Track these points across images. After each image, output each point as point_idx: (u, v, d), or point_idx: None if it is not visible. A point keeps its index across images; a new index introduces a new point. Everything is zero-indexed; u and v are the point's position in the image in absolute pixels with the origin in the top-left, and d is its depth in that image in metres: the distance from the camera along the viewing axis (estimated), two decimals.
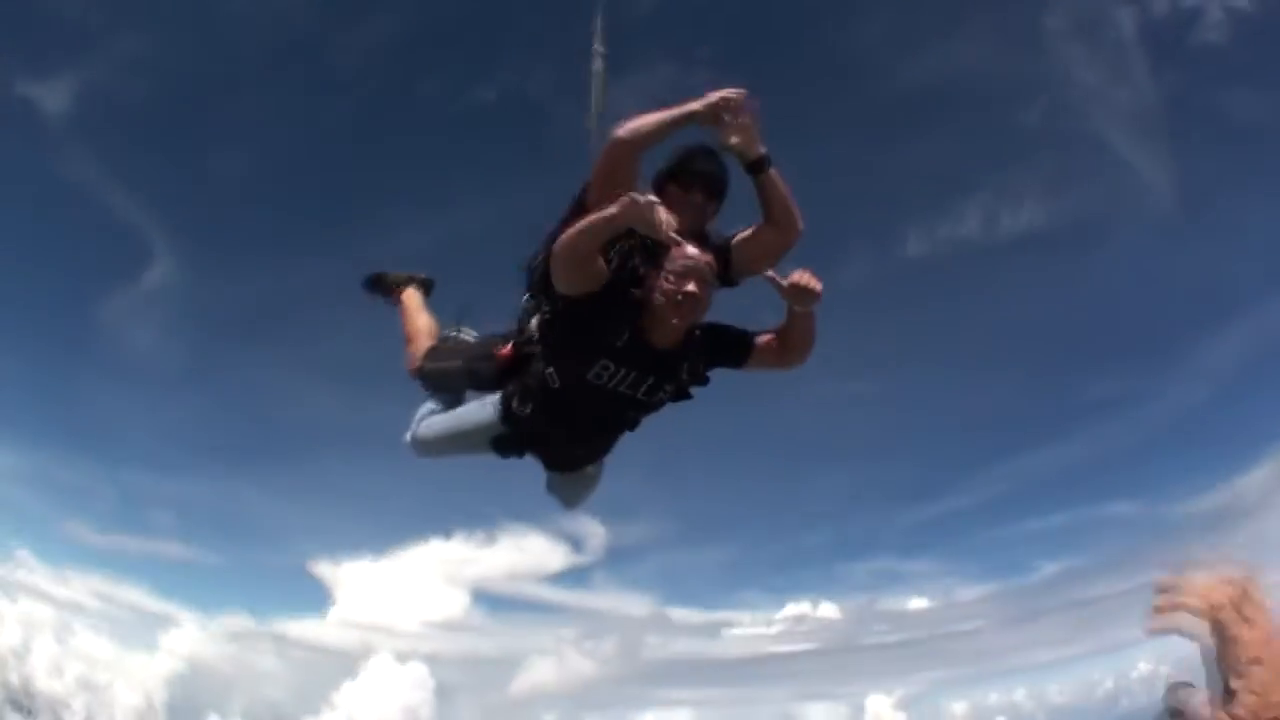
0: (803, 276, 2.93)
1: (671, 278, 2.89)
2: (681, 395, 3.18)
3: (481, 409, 3.33)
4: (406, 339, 3.82)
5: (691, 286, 2.88)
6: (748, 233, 3.17)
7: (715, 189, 3.13)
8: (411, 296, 4.01)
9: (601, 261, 2.94)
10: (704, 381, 3.19)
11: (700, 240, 3.02)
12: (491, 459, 3.38)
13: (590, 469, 3.53)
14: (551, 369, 3.06)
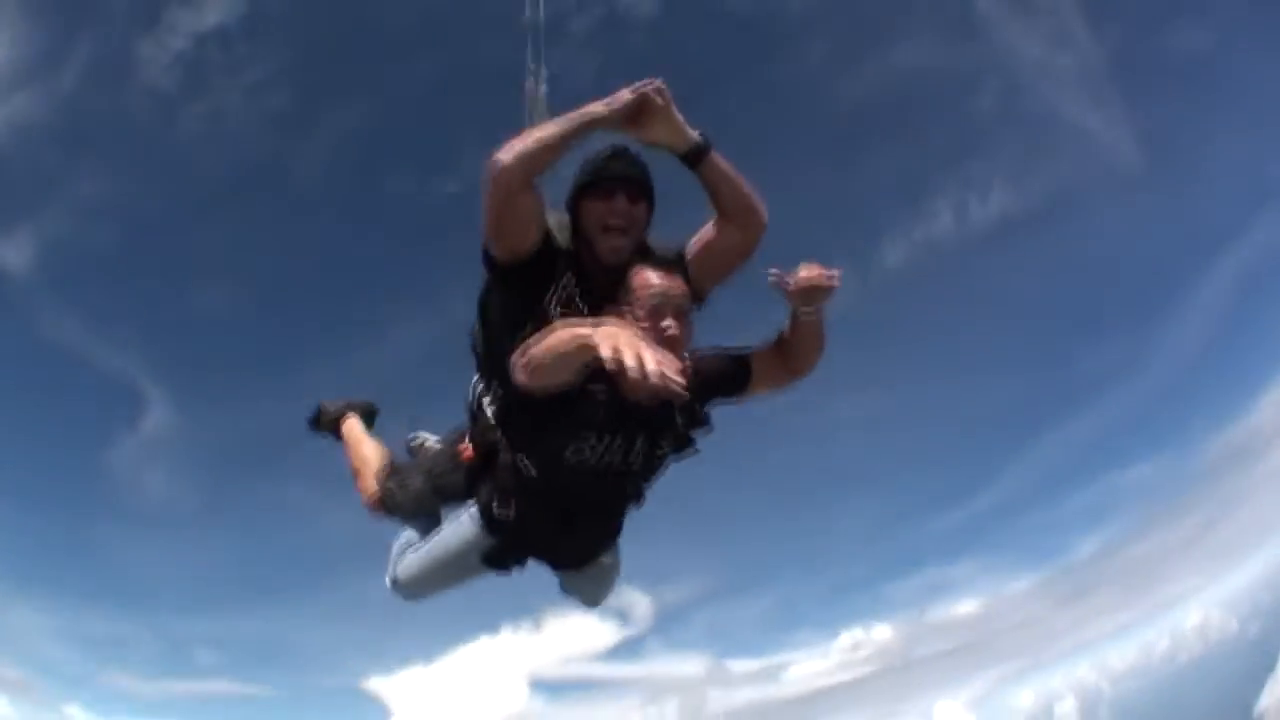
0: (812, 271, 2.50)
1: (642, 316, 2.42)
2: (683, 447, 2.68)
3: (460, 527, 2.85)
4: (353, 474, 3.40)
5: (669, 324, 2.42)
6: (702, 236, 2.67)
7: (640, 189, 2.62)
8: (352, 427, 3.62)
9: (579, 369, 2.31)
10: (705, 424, 2.68)
11: (643, 257, 2.58)
12: (492, 577, 2.95)
13: (605, 559, 3.03)
14: (523, 457, 2.59)
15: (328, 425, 3.71)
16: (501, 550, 2.82)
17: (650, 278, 2.47)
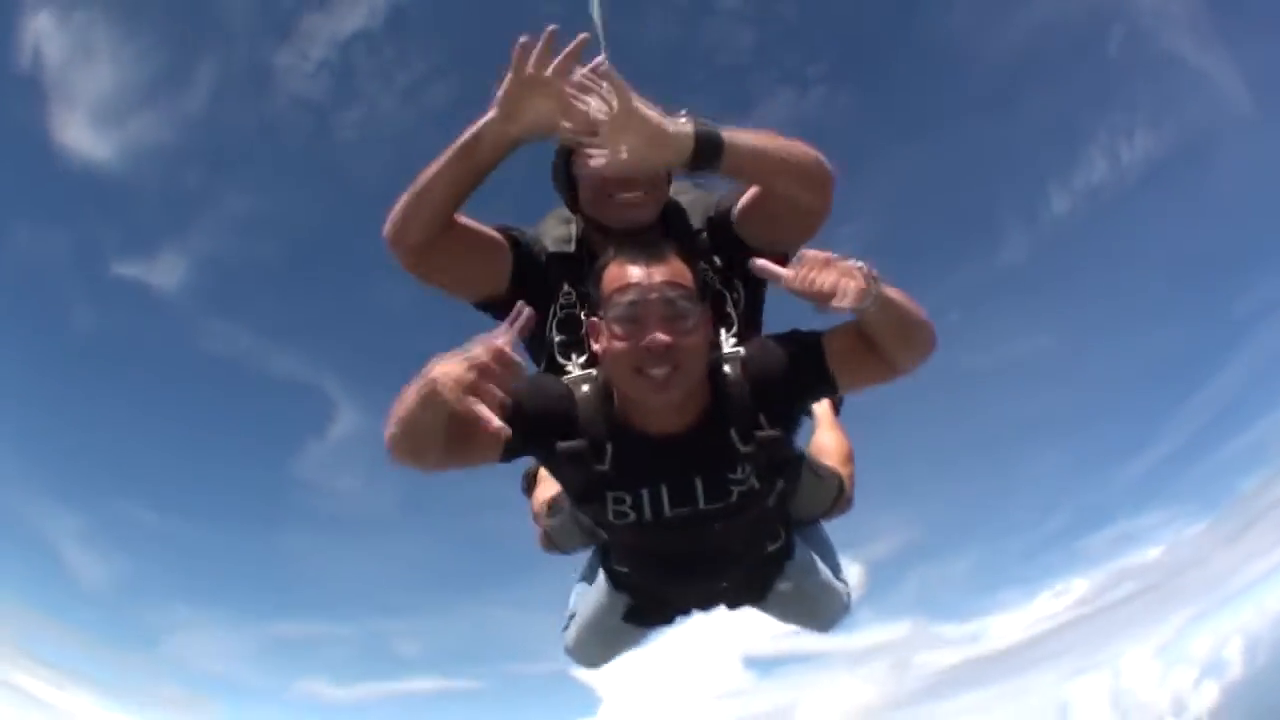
0: (812, 268, 1.73)
1: (617, 330, 1.75)
2: (775, 468, 1.97)
3: (597, 586, 2.43)
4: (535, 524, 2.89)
5: (656, 339, 1.72)
6: (751, 200, 2.00)
7: None
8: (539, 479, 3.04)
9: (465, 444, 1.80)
10: (780, 441, 1.93)
11: (664, 231, 2.01)
12: (658, 634, 2.56)
13: (781, 586, 2.41)
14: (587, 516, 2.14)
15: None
16: (641, 609, 2.37)
17: (623, 272, 1.76)
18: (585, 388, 1.90)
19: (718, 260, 2.06)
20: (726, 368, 1.89)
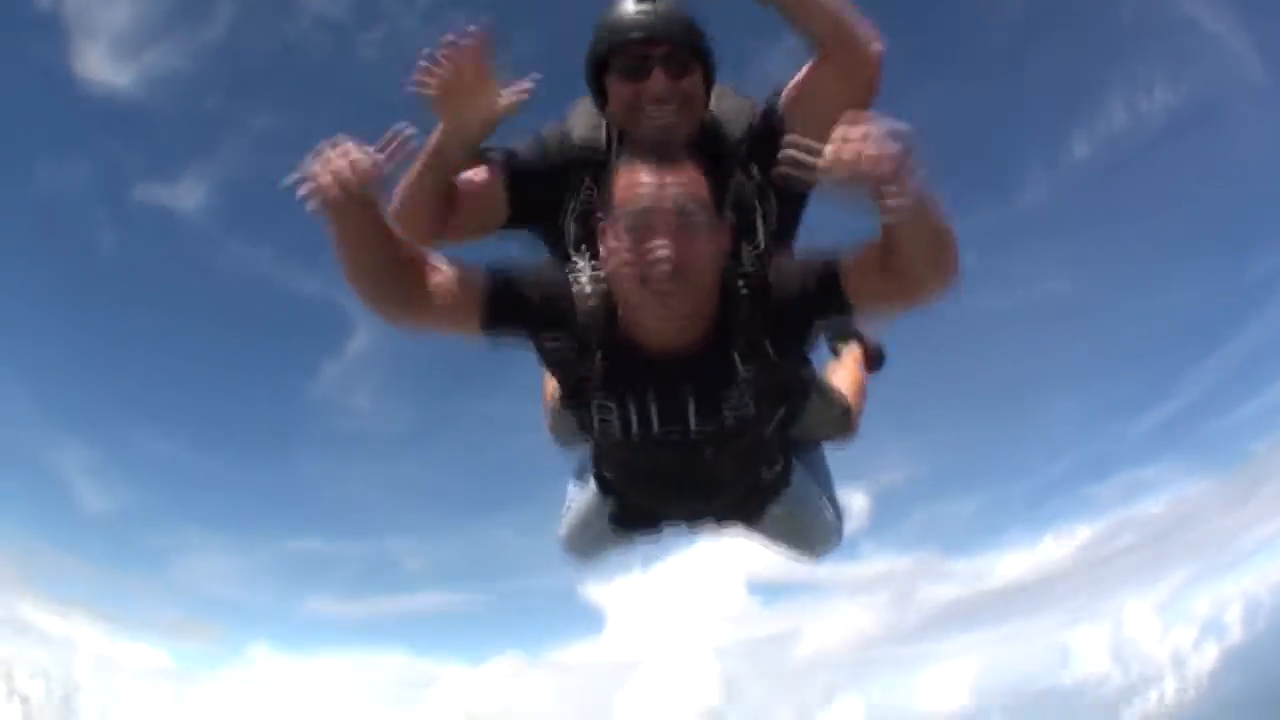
0: (853, 135, 1.47)
1: (624, 237, 1.66)
2: (775, 395, 1.93)
3: (587, 485, 2.38)
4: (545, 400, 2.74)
5: (658, 246, 1.62)
6: (798, 83, 1.93)
7: (684, 52, 1.90)
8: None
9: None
10: (787, 370, 1.90)
11: (703, 146, 1.87)
12: (648, 542, 2.47)
13: (775, 510, 2.31)
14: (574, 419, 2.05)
15: None
16: (625, 512, 2.33)
17: (635, 178, 1.69)
18: (587, 285, 1.81)
19: (755, 172, 1.97)
20: (740, 284, 1.78)
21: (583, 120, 2.08)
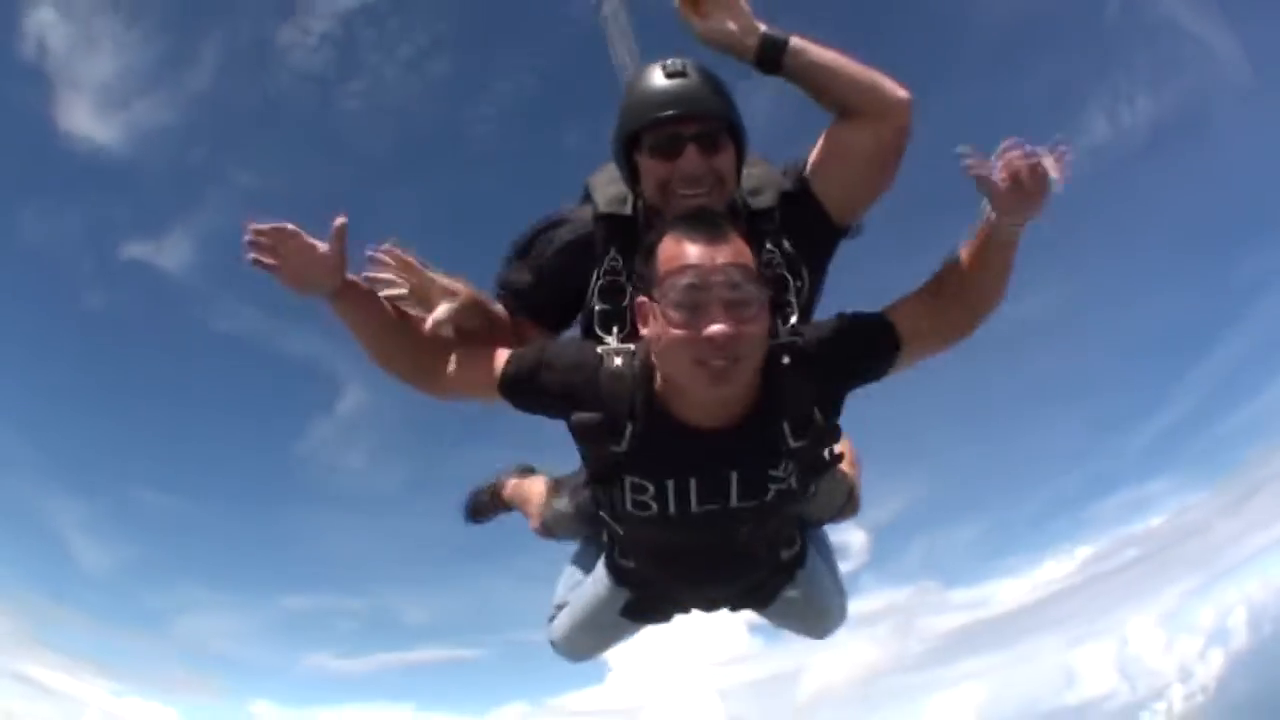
0: (1026, 155, 1.66)
1: (674, 316, 1.60)
2: (819, 465, 1.87)
3: (596, 579, 2.32)
4: (526, 515, 2.80)
5: (716, 325, 1.57)
6: (825, 142, 1.94)
7: (718, 131, 1.85)
8: (514, 488, 2.92)
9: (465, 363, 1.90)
10: (829, 436, 1.84)
11: (733, 221, 1.78)
12: (652, 631, 2.41)
13: (790, 593, 2.29)
14: (599, 502, 1.98)
15: (489, 508, 3.05)
16: (640, 603, 2.27)
17: (680, 250, 1.62)
18: (619, 361, 1.75)
19: (786, 244, 1.94)
20: (784, 357, 1.73)
21: (606, 189, 2.04)
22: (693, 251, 1.61)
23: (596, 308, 1.95)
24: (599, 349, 1.81)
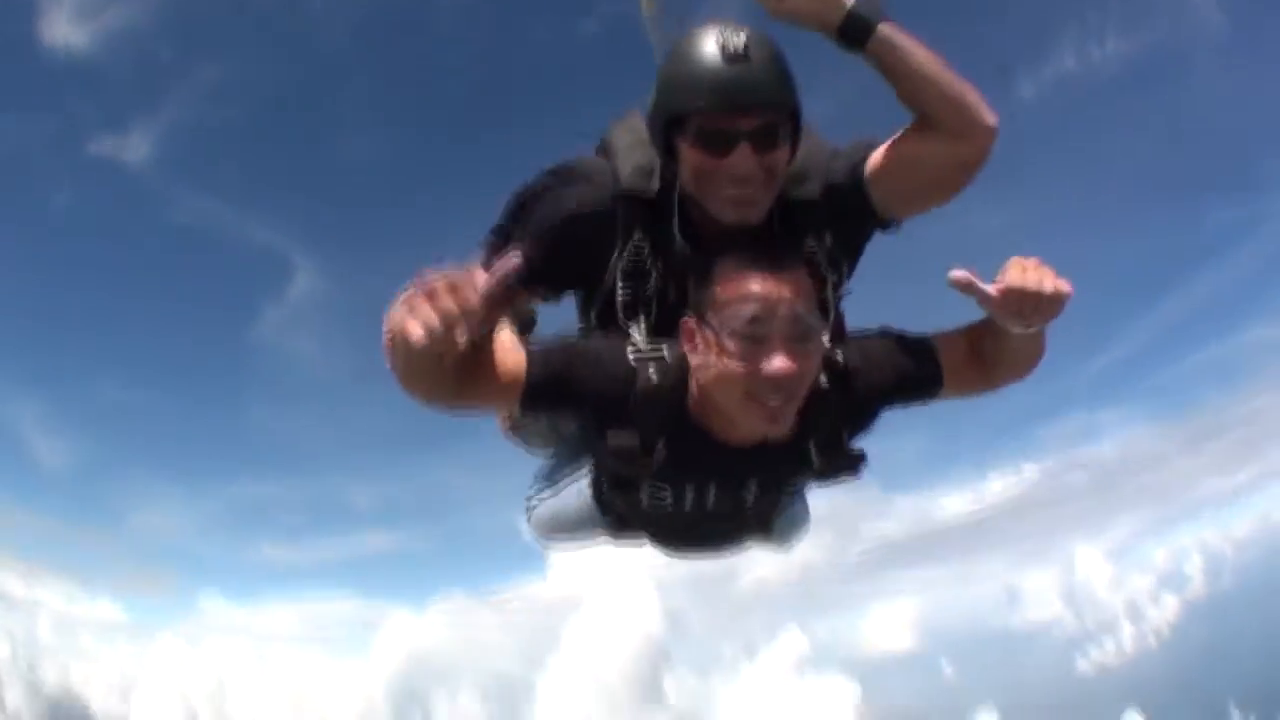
0: (1029, 276, 1.52)
1: (732, 347, 1.53)
2: (838, 470, 1.83)
3: (579, 494, 2.19)
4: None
5: (777, 362, 1.51)
6: (898, 143, 1.74)
7: (773, 123, 1.64)
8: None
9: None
10: (855, 461, 1.82)
11: (770, 231, 1.73)
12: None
13: (763, 533, 2.24)
14: (607, 493, 1.98)
15: None
16: (619, 528, 2.20)
17: (743, 280, 1.55)
18: (653, 373, 1.64)
19: (828, 237, 1.79)
20: (822, 377, 1.66)
21: (631, 155, 1.83)
22: (757, 283, 1.55)
23: (619, 292, 1.81)
24: (630, 356, 1.71)
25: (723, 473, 1.80)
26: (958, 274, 1.58)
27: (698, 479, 1.81)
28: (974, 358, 1.81)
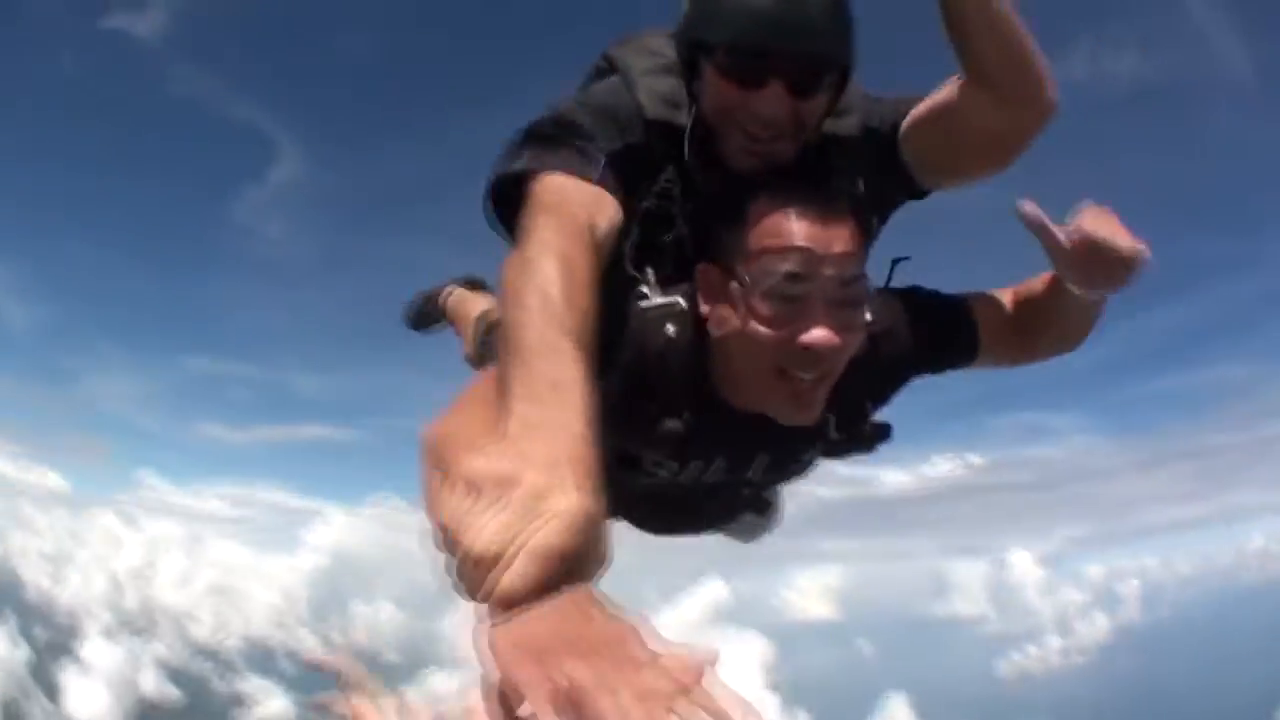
0: (1105, 225, 1.29)
1: (764, 309, 1.25)
2: (859, 444, 1.59)
3: None
4: (460, 336, 2.65)
5: (818, 335, 1.23)
6: (942, 102, 1.46)
7: (813, 69, 1.38)
8: (458, 298, 2.74)
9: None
10: (875, 435, 1.58)
11: (806, 168, 1.44)
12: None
13: (748, 516, 2.00)
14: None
15: (431, 318, 2.83)
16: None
17: (786, 225, 1.26)
18: (671, 331, 1.38)
19: (860, 184, 1.55)
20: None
21: (653, 82, 1.54)
22: (801, 230, 1.26)
23: (634, 235, 1.49)
24: (645, 310, 1.40)
25: (732, 443, 1.52)
26: (1029, 208, 1.34)
27: (707, 452, 1.52)
28: (1015, 324, 1.59)
